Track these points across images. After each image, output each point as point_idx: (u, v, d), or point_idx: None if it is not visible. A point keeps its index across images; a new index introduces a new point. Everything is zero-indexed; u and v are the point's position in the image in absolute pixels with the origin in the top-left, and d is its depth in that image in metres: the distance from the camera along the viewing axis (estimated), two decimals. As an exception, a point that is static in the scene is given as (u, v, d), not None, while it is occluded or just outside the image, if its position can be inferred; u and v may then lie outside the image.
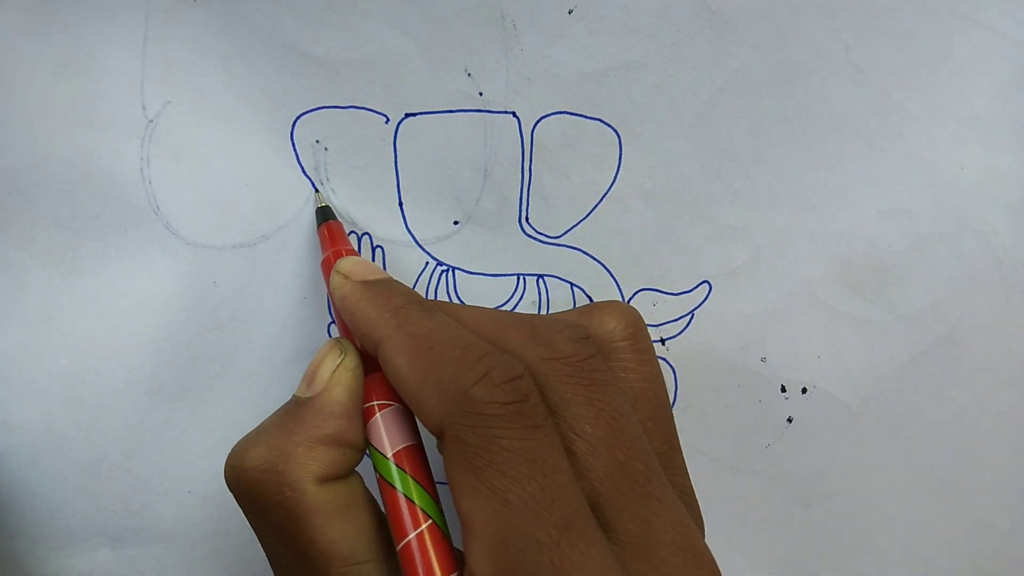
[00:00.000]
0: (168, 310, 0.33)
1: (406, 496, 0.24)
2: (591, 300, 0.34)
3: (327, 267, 0.29)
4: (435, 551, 0.23)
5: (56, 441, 0.33)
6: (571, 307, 0.34)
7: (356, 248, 0.33)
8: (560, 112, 0.32)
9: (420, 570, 0.23)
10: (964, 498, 0.36)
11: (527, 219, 0.33)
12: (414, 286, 0.34)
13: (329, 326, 0.34)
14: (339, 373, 0.26)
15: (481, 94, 0.32)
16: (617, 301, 0.29)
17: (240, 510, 0.26)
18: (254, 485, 0.25)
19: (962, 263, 0.34)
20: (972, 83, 0.33)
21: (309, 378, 0.26)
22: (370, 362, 0.27)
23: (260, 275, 0.33)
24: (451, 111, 0.32)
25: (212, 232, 0.33)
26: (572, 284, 0.34)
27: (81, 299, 0.32)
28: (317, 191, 0.33)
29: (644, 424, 0.27)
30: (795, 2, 0.32)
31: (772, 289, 0.35)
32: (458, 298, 0.34)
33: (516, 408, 0.22)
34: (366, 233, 0.33)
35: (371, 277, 0.27)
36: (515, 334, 0.25)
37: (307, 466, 0.24)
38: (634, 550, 0.24)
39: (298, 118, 0.32)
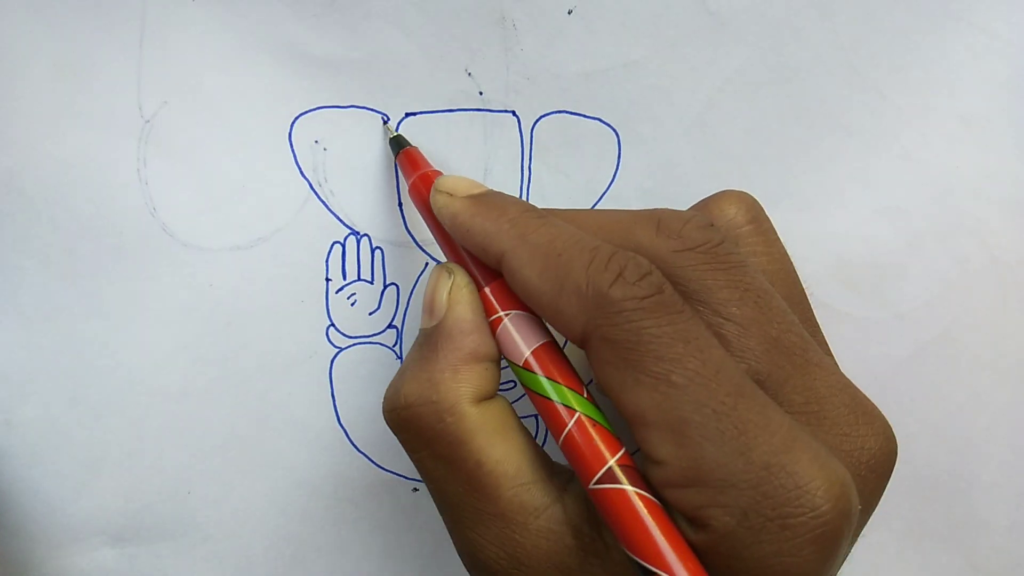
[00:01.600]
0: (165, 312, 0.32)
1: (547, 396, 0.24)
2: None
3: (418, 191, 0.29)
4: (597, 435, 0.23)
5: (58, 440, 0.32)
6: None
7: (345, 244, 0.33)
8: (560, 111, 0.32)
9: (585, 454, 0.23)
10: (961, 496, 0.36)
11: (527, 219, 0.33)
12: (413, 287, 0.34)
13: (327, 329, 0.33)
14: (455, 292, 0.26)
15: (481, 93, 0.32)
16: (732, 190, 0.29)
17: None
18: (414, 421, 0.25)
19: (957, 261, 0.35)
20: (966, 83, 0.33)
21: (429, 307, 0.26)
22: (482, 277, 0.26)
23: (257, 279, 0.33)
24: (451, 110, 0.32)
25: (208, 234, 0.32)
26: (572, 284, 0.34)
27: (80, 300, 0.32)
28: (387, 122, 0.32)
29: None
30: (792, 3, 0.32)
31: (770, 289, 0.35)
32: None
33: (656, 300, 0.22)
34: (365, 234, 0.33)
35: (476, 191, 0.27)
36: (641, 230, 0.25)
37: (458, 389, 0.25)
38: (805, 419, 0.24)
39: (297, 118, 0.32)
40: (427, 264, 0.33)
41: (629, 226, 0.26)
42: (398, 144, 0.31)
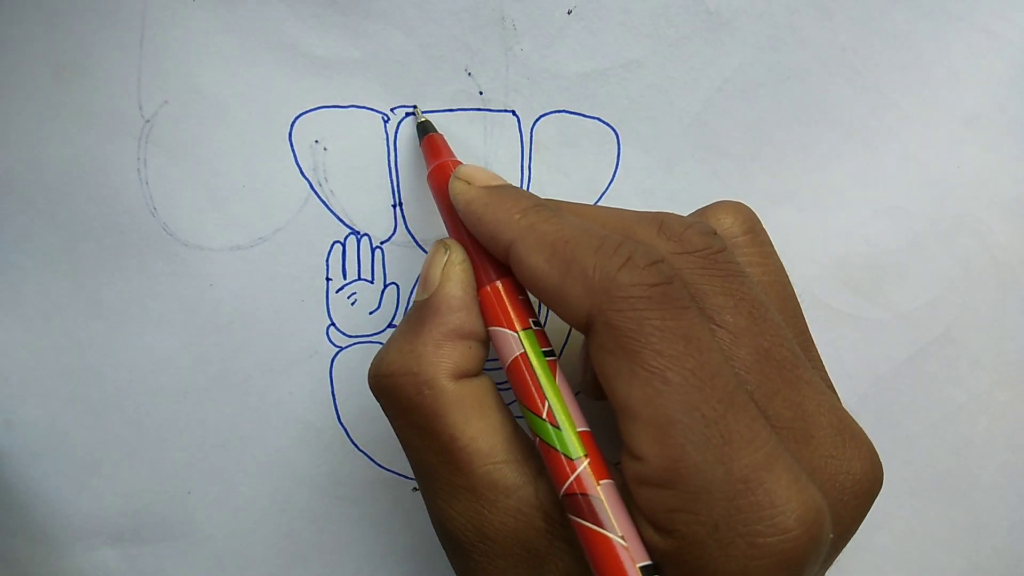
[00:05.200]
0: (166, 312, 0.32)
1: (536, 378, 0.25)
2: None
3: (437, 178, 0.29)
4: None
5: (58, 440, 0.33)
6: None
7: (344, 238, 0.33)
8: (559, 111, 0.32)
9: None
10: (962, 497, 0.36)
11: (527, 219, 0.33)
12: (413, 287, 0.34)
13: (328, 329, 0.33)
14: (448, 269, 0.26)
15: (481, 93, 0.32)
16: (729, 200, 0.29)
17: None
18: (395, 390, 0.26)
19: (959, 261, 0.35)
20: (967, 83, 0.33)
21: (423, 281, 0.27)
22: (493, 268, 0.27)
23: (257, 278, 0.33)
24: (451, 110, 0.32)
25: (209, 234, 0.32)
26: (572, 284, 0.34)
27: (80, 299, 0.32)
28: (415, 107, 0.32)
29: None
30: (792, 3, 0.32)
31: (770, 289, 0.35)
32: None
33: (663, 290, 0.22)
34: (366, 234, 0.33)
35: (493, 183, 0.27)
36: (643, 230, 0.25)
37: (439, 363, 0.25)
38: (790, 434, 0.23)
39: (297, 118, 0.32)
40: (427, 264, 0.33)
41: (631, 224, 0.26)
42: (424, 130, 0.31)
